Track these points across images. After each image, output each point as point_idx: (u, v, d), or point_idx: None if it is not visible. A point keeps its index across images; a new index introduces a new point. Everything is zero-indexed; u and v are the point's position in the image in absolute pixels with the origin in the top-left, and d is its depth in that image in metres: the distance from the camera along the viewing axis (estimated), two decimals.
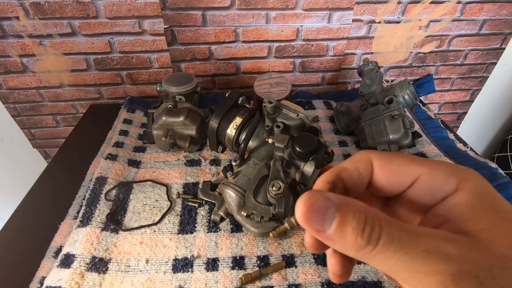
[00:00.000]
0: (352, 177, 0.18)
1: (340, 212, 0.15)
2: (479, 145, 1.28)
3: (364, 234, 0.15)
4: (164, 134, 0.64)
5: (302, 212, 0.16)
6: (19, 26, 0.76)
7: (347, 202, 0.16)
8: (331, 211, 0.15)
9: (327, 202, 0.16)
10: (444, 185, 0.17)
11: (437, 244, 0.14)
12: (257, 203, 0.46)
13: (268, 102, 0.49)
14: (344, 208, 0.15)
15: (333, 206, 0.16)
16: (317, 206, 0.16)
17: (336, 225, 0.15)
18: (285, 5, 0.79)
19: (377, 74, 0.71)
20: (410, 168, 0.18)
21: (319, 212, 0.16)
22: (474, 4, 0.84)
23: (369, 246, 0.15)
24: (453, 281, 0.14)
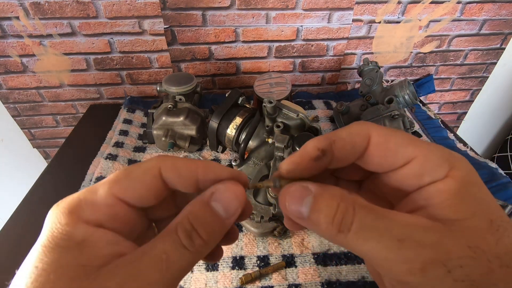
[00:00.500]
0: (344, 149, 0.18)
1: (313, 199, 0.16)
2: (479, 145, 1.28)
3: (334, 221, 0.15)
4: (164, 134, 0.64)
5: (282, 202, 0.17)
6: (19, 26, 0.76)
7: (323, 190, 0.17)
8: (308, 199, 0.16)
9: (305, 191, 0.17)
10: (435, 170, 0.17)
11: (411, 233, 0.15)
12: (257, 203, 0.46)
13: (268, 102, 0.50)
14: (318, 195, 0.16)
15: (311, 195, 0.17)
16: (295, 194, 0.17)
17: (310, 211, 0.16)
18: (285, 5, 0.79)
19: (377, 74, 0.71)
20: (407, 149, 0.17)
21: (297, 200, 0.17)
22: (474, 4, 0.84)
23: (340, 234, 0.15)
24: (421, 270, 0.14)
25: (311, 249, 0.50)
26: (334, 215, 0.16)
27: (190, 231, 0.16)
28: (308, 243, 0.50)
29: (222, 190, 0.18)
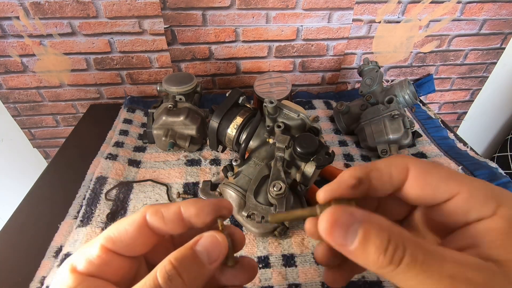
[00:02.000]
0: (381, 180, 0.18)
1: (363, 230, 0.15)
2: (479, 145, 1.28)
3: (387, 253, 0.15)
4: (164, 134, 0.64)
5: (325, 227, 0.16)
6: (19, 26, 0.76)
7: (370, 219, 0.16)
8: (354, 228, 0.15)
9: (351, 218, 0.16)
10: (482, 207, 0.16)
11: (463, 271, 0.14)
12: (258, 203, 0.46)
13: (269, 102, 0.49)
14: (367, 225, 0.15)
15: (356, 222, 0.16)
16: (340, 222, 0.16)
17: (359, 242, 0.15)
18: (285, 5, 0.79)
19: (377, 74, 0.71)
20: (449, 184, 0.17)
21: (342, 227, 0.16)
22: (474, 4, 0.84)
23: (391, 266, 0.15)
24: None
25: (311, 249, 0.50)
26: (386, 247, 0.15)
27: (171, 273, 0.17)
28: (308, 243, 0.50)
29: (206, 236, 0.19)
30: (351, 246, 0.15)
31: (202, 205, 0.20)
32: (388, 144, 0.64)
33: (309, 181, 0.49)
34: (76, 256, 0.19)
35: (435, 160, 0.66)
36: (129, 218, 0.19)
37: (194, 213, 0.20)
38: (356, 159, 0.68)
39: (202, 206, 0.20)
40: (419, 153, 0.69)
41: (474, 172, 0.62)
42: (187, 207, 0.20)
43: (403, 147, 0.66)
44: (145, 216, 0.19)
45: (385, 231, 0.15)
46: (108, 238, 0.19)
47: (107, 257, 0.18)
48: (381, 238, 0.15)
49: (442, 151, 0.69)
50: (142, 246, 0.19)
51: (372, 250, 0.15)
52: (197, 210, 0.20)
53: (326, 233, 0.16)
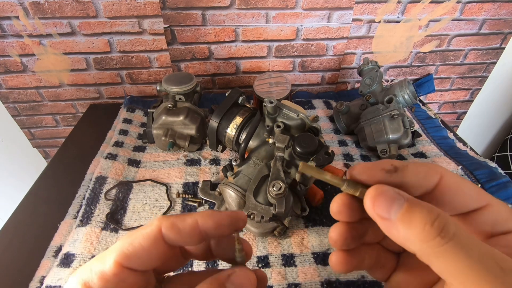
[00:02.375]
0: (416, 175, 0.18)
1: (409, 203, 0.15)
2: (479, 145, 1.28)
3: (435, 224, 0.14)
4: (164, 134, 0.64)
5: (371, 196, 0.16)
6: (19, 25, 0.76)
7: (418, 201, 0.16)
8: (399, 202, 0.16)
9: (398, 195, 0.16)
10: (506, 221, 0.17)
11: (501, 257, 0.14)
12: (258, 203, 0.46)
13: (269, 102, 0.49)
14: (413, 202, 0.16)
15: (403, 199, 0.16)
16: (387, 194, 0.16)
17: (404, 212, 0.15)
18: (285, 4, 0.79)
19: (377, 74, 0.71)
20: (480, 194, 0.17)
21: (387, 199, 0.16)
22: (474, 4, 0.84)
23: (439, 239, 0.14)
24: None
25: (310, 249, 0.50)
26: (434, 220, 0.14)
27: None
28: (308, 243, 0.50)
29: (238, 274, 0.19)
30: (394, 216, 0.15)
31: (220, 218, 0.20)
32: (388, 144, 0.64)
33: (308, 181, 0.49)
34: (87, 272, 0.18)
35: (434, 160, 0.66)
36: (142, 231, 0.19)
37: (212, 227, 0.19)
38: (356, 159, 0.68)
39: (220, 220, 0.19)
40: (419, 152, 0.69)
41: (474, 172, 0.62)
42: (205, 220, 0.19)
43: (402, 147, 0.66)
44: (160, 230, 0.19)
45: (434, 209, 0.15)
46: (122, 254, 0.18)
47: (122, 274, 0.18)
48: (429, 212, 0.15)
49: (442, 151, 0.69)
50: (156, 261, 0.19)
51: (417, 220, 0.15)
52: (215, 223, 0.19)
53: (371, 203, 0.16)
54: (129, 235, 0.19)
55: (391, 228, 0.16)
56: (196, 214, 0.19)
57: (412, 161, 0.20)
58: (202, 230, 0.19)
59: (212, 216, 0.19)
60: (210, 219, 0.19)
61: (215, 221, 0.19)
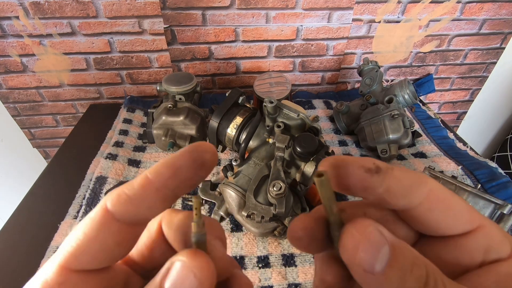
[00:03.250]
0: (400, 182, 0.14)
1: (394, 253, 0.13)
2: (479, 145, 1.28)
3: None
4: (164, 134, 0.64)
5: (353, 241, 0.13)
6: (19, 25, 0.76)
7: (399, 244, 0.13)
8: (385, 250, 0.13)
9: (382, 239, 0.13)
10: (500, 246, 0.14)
11: None
12: (258, 203, 0.46)
13: (269, 101, 0.49)
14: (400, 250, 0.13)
15: (387, 245, 0.13)
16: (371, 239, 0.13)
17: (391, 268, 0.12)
18: (285, 4, 0.79)
19: (377, 74, 0.71)
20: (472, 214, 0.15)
21: (372, 246, 0.13)
22: (474, 4, 0.84)
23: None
24: None
25: None
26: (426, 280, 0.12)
27: None
28: None
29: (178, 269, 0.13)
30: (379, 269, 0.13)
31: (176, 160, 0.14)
32: (388, 144, 0.64)
33: (309, 181, 0.49)
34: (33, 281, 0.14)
35: (435, 160, 0.66)
36: (85, 220, 0.14)
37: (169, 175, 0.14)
38: None
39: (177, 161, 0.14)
40: (419, 152, 0.69)
41: (474, 172, 0.62)
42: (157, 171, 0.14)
43: (403, 146, 0.66)
44: (106, 208, 0.14)
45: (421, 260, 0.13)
46: (67, 253, 0.13)
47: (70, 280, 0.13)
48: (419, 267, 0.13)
49: (442, 150, 0.69)
50: (115, 250, 0.14)
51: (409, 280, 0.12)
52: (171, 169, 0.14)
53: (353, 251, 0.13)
54: (73, 231, 0.14)
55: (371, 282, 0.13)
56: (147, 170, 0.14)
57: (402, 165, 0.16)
58: (159, 186, 0.14)
59: (165, 163, 0.14)
60: (163, 167, 0.14)
61: (171, 166, 0.14)
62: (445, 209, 0.15)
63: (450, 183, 0.49)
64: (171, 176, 0.14)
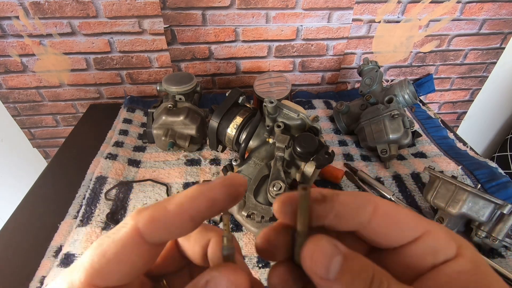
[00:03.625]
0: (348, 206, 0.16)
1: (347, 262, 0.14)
2: (479, 145, 1.28)
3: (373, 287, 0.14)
4: (164, 134, 0.64)
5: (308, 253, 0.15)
6: (19, 25, 0.76)
7: (353, 254, 0.15)
8: (338, 259, 0.14)
9: (335, 249, 0.15)
10: (446, 247, 0.16)
11: None
12: (258, 203, 0.46)
13: (269, 102, 0.49)
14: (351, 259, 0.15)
15: (340, 254, 0.14)
16: (324, 250, 0.15)
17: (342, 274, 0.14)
18: (285, 4, 0.79)
19: (377, 74, 0.71)
20: (417, 222, 0.16)
21: (325, 256, 0.14)
22: (474, 4, 0.84)
23: None
24: None
25: None
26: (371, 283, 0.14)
27: None
28: None
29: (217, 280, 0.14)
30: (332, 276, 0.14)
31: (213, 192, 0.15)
32: (388, 144, 0.64)
33: (309, 181, 0.49)
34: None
35: (435, 160, 0.66)
36: (114, 237, 0.14)
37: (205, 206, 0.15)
38: (356, 159, 0.68)
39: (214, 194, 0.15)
40: (419, 152, 0.69)
41: (474, 172, 0.62)
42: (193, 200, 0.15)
43: (402, 146, 0.66)
44: (137, 229, 0.14)
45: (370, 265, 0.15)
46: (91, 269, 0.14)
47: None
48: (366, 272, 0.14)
49: (442, 150, 0.69)
50: (140, 268, 0.15)
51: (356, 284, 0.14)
52: (208, 201, 0.15)
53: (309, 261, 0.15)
54: (100, 243, 0.14)
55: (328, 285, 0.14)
56: (179, 195, 0.15)
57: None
58: (193, 214, 0.15)
59: (201, 193, 0.15)
60: (200, 198, 0.15)
61: (207, 198, 0.15)
62: (391, 223, 0.16)
63: (450, 183, 0.49)
64: (207, 207, 0.15)
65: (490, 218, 0.47)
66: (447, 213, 0.49)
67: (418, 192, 0.60)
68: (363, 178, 0.62)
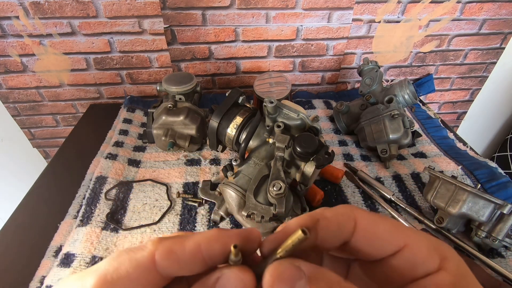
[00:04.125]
0: (329, 229, 0.16)
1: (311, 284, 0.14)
2: (479, 145, 1.28)
3: None
4: (164, 134, 0.64)
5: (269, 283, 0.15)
6: (19, 25, 0.76)
7: (318, 274, 0.15)
8: (301, 284, 0.14)
9: (298, 273, 0.15)
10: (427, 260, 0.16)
11: None
12: (258, 203, 0.46)
13: (269, 101, 0.49)
14: (315, 282, 0.14)
15: (304, 278, 0.14)
16: (285, 276, 0.15)
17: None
18: (285, 4, 0.79)
19: (377, 74, 0.71)
20: (396, 236, 0.16)
21: (287, 283, 0.14)
22: (474, 4, 0.84)
23: None
24: None
25: None
26: None
27: None
28: None
29: (228, 277, 0.15)
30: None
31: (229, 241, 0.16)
32: (388, 144, 0.64)
33: (309, 181, 0.49)
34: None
35: (435, 160, 0.66)
36: (132, 255, 0.15)
37: (218, 252, 0.16)
38: (356, 159, 0.68)
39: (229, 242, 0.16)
40: (419, 152, 0.69)
41: (474, 172, 0.62)
42: (210, 244, 0.16)
43: (402, 146, 0.66)
44: (153, 257, 0.15)
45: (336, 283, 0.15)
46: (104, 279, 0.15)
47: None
48: None
49: (442, 150, 0.69)
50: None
51: None
52: (222, 248, 0.16)
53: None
54: (118, 256, 0.15)
55: None
56: (198, 235, 0.16)
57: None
58: (206, 256, 0.16)
59: (218, 239, 0.16)
60: (216, 243, 0.16)
61: (223, 245, 0.16)
62: (370, 238, 0.17)
63: (450, 183, 0.49)
64: (220, 253, 0.16)
65: (490, 218, 0.47)
66: (447, 213, 0.49)
67: (418, 192, 0.60)
68: (363, 178, 0.62)
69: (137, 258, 0.15)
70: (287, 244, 0.15)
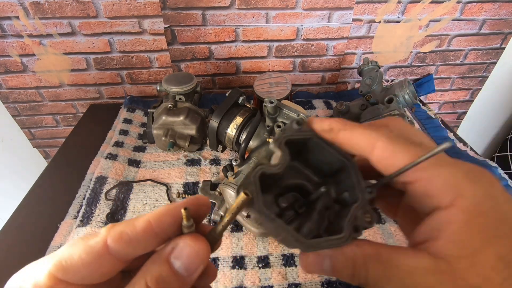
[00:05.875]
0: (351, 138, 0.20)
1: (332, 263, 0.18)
2: (479, 145, 1.28)
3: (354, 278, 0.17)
4: (164, 134, 0.64)
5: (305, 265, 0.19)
6: (19, 25, 0.76)
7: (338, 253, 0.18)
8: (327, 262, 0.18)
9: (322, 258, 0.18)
10: (440, 196, 0.16)
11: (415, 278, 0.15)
12: None
13: (269, 102, 0.49)
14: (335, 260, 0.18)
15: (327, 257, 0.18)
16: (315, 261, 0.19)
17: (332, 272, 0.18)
18: (285, 4, 0.79)
19: (377, 74, 0.71)
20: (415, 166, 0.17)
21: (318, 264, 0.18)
22: (474, 4, 0.84)
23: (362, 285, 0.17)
24: None
25: None
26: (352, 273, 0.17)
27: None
28: None
29: (181, 246, 0.16)
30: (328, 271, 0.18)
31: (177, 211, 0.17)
32: None
33: None
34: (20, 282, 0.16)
35: None
36: (86, 242, 0.16)
37: (170, 223, 0.17)
38: None
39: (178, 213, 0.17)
40: None
41: None
42: (160, 218, 0.16)
43: None
44: (106, 243, 0.15)
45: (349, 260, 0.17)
46: (59, 265, 0.15)
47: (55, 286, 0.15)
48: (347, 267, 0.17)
49: None
50: (103, 275, 0.16)
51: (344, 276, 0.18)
52: (173, 219, 0.17)
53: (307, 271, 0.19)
54: (73, 244, 0.16)
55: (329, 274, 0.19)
56: (149, 213, 0.17)
57: None
58: (158, 230, 0.16)
59: (167, 211, 0.17)
60: (166, 216, 0.17)
61: (172, 217, 0.17)
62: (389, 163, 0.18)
63: None
64: (171, 223, 0.17)
65: None
66: None
67: None
68: None
69: (90, 244, 0.16)
70: (232, 208, 0.17)
